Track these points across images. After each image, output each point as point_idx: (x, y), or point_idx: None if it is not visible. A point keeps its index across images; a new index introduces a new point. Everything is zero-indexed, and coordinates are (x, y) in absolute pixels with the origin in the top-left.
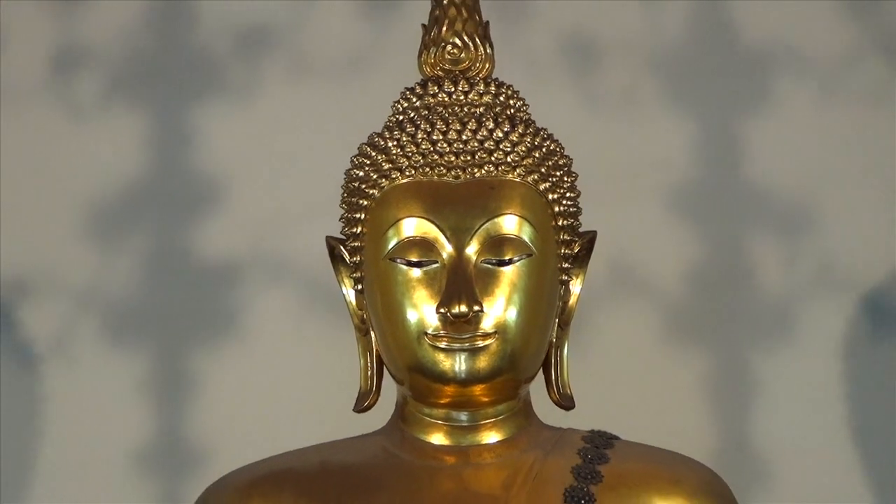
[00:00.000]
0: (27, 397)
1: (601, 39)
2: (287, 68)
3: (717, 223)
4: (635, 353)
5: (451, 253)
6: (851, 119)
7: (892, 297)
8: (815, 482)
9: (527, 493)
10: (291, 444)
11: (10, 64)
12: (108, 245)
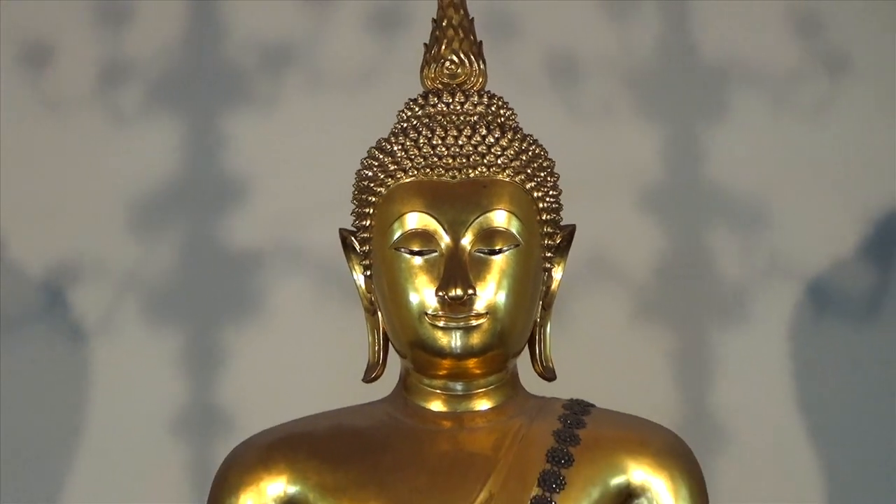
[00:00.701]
0: (77, 369)
1: (580, 57)
2: (305, 81)
3: (681, 219)
4: (609, 333)
5: (449, 243)
6: (799, 127)
7: (833, 285)
8: (765, 445)
9: (514, 453)
10: (307, 410)
11: (62, 76)
12: (148, 235)
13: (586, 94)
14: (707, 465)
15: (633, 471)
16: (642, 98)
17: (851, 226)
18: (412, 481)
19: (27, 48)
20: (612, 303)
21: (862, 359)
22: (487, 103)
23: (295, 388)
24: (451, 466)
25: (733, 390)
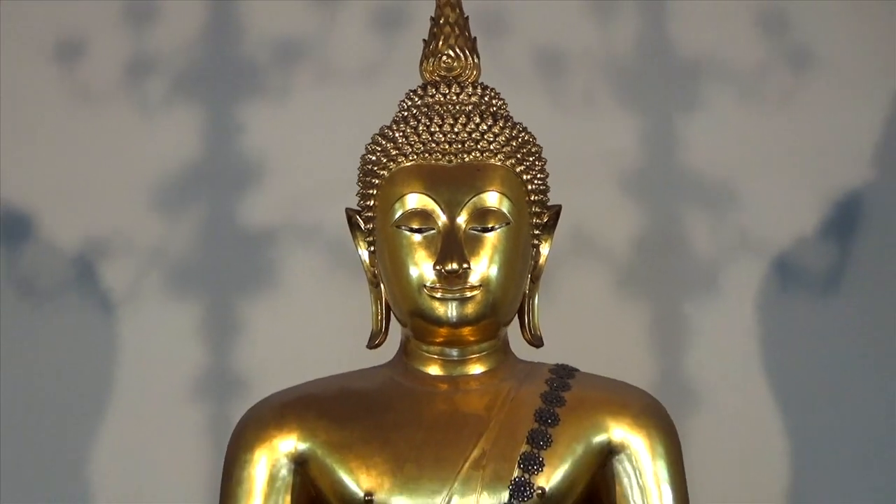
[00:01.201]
0: (105, 336)
1: (565, 53)
2: (314, 74)
3: (657, 200)
4: (591, 304)
5: (445, 222)
6: (764, 117)
7: (796, 261)
8: (734, 406)
9: (505, 413)
10: (316, 374)
11: (93, 70)
12: (170, 214)
13: (570, 87)
14: (681, 424)
15: (614, 430)
16: (621, 90)
17: (813, 207)
18: (411, 438)
19: (63, 45)
20: (594, 276)
21: (822, 328)
22: (481, 94)
23: (305, 354)
24: (447, 425)
25: (705, 357)
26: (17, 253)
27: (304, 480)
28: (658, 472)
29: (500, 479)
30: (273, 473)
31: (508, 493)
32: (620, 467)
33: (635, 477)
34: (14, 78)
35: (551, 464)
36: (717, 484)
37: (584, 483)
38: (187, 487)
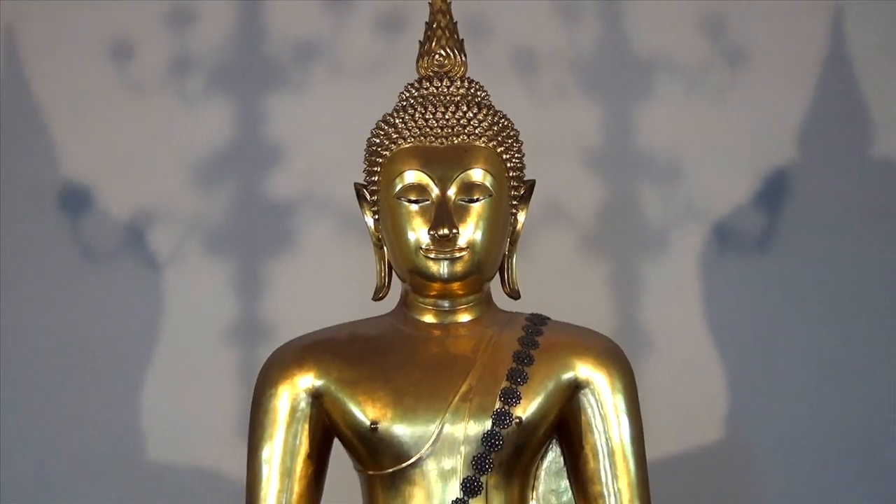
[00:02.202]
0: (153, 292)
1: (538, 51)
2: (327, 70)
3: (616, 175)
4: (560, 262)
5: (438, 194)
6: (707, 105)
7: (732, 226)
8: (681, 348)
9: (488, 355)
10: (330, 322)
11: (142, 67)
12: (207, 189)
13: (542, 80)
14: (636, 364)
15: (580, 368)
16: (585, 82)
17: (746, 181)
18: (410, 376)
19: (116, 46)
20: (562, 239)
21: (753, 283)
22: (468, 87)
23: (320, 305)
24: (439, 364)
25: (656, 307)
26: (78, 222)
27: (320, 412)
28: (617, 403)
29: (484, 409)
30: (294, 405)
31: (491, 422)
32: (585, 400)
33: (597, 408)
34: (76, 74)
35: (527, 397)
36: (666, 413)
37: (554, 413)
38: (222, 417)
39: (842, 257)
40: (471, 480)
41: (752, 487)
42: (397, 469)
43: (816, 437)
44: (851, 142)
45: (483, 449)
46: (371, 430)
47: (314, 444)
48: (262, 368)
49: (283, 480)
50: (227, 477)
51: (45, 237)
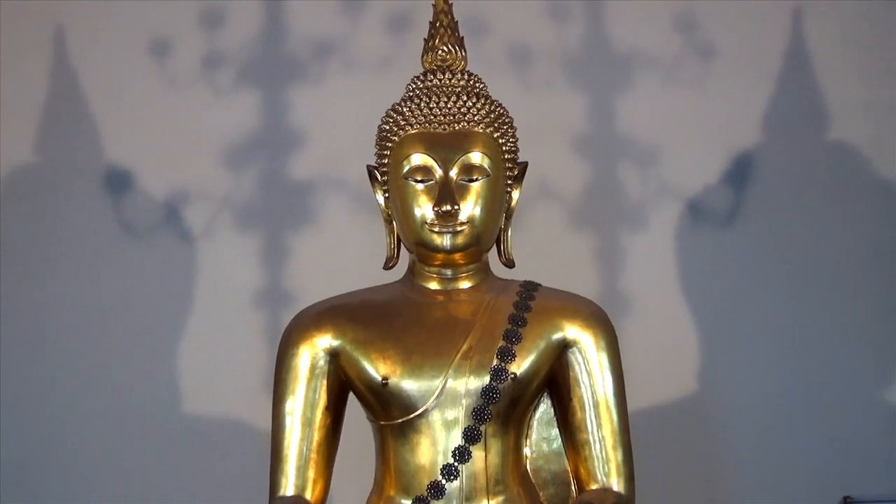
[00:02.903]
0: (187, 263)
1: (530, 47)
2: (342, 65)
3: (600, 157)
4: (551, 235)
5: (441, 175)
6: (680, 96)
7: (704, 203)
8: (658, 313)
9: (486, 317)
10: (345, 289)
11: (177, 61)
12: (236, 170)
13: (534, 72)
14: (618, 326)
15: (568, 329)
16: (572, 75)
17: (716, 163)
18: (416, 336)
19: (154, 42)
20: (552, 215)
21: (722, 253)
22: (467, 79)
23: (336, 274)
24: (443, 326)
25: (636, 276)
26: (120, 201)
27: (337, 369)
28: (601, 360)
29: (483, 366)
30: (313, 363)
31: (489, 377)
32: (573, 357)
33: (584, 365)
34: (118, 68)
35: (521, 355)
36: (645, 369)
37: (545, 370)
38: (249, 375)
39: (800, 230)
40: (471, 429)
41: (721, 434)
42: (406, 420)
43: (778, 389)
44: (809, 127)
45: (482, 401)
46: (382, 385)
47: (331, 397)
48: (285, 331)
49: (304, 430)
50: (253, 427)
51: (90, 215)
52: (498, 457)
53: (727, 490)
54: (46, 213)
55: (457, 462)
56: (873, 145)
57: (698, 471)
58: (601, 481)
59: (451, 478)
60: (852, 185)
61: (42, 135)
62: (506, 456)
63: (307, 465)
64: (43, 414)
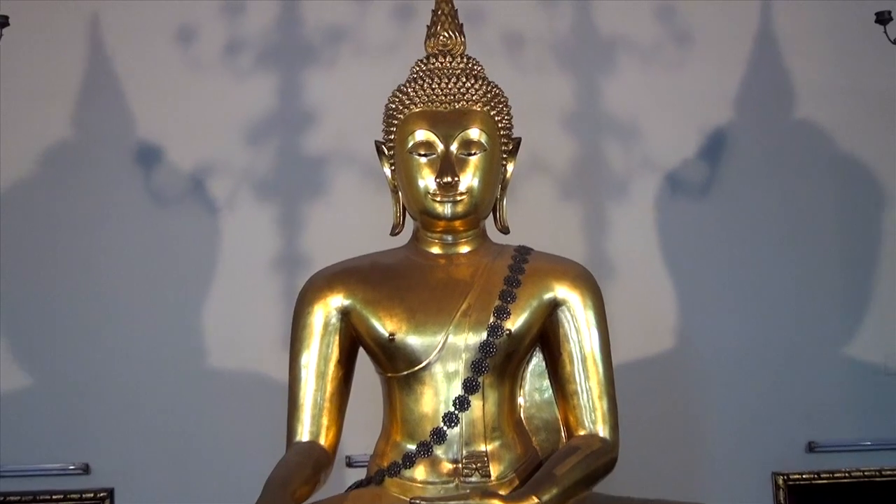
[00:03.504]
0: (211, 231)
1: (523, 33)
2: (352, 50)
3: (587, 134)
4: (542, 204)
5: (443, 149)
6: (659, 77)
7: (681, 175)
8: (640, 275)
9: (483, 279)
10: (356, 253)
11: (201, 48)
12: (256, 146)
13: (526, 56)
14: (603, 287)
15: (558, 289)
16: (562, 58)
17: (693, 138)
18: (420, 296)
19: (180, 29)
20: (543, 186)
21: (698, 221)
22: (466, 62)
23: (347, 240)
24: (444, 287)
25: (620, 241)
26: (151, 173)
27: (348, 326)
28: (588, 318)
29: (481, 323)
30: (326, 321)
31: (486, 333)
32: (562, 315)
33: (572, 322)
34: (147, 53)
35: (515, 313)
36: (628, 326)
37: (537, 327)
38: (267, 331)
39: (769, 200)
40: (470, 381)
41: (696, 385)
42: (410, 372)
43: (748, 344)
44: (777, 106)
45: (480, 355)
46: (389, 341)
47: (343, 352)
48: (301, 291)
49: (318, 381)
50: (271, 379)
51: (123, 186)
52: (494, 406)
53: (702, 437)
54: (84, 183)
55: (457, 410)
56: (835, 123)
57: (675, 419)
58: (588, 428)
59: (451, 425)
60: (816, 159)
61: (80, 113)
62: (501, 405)
63: (321, 413)
64: (88, 364)
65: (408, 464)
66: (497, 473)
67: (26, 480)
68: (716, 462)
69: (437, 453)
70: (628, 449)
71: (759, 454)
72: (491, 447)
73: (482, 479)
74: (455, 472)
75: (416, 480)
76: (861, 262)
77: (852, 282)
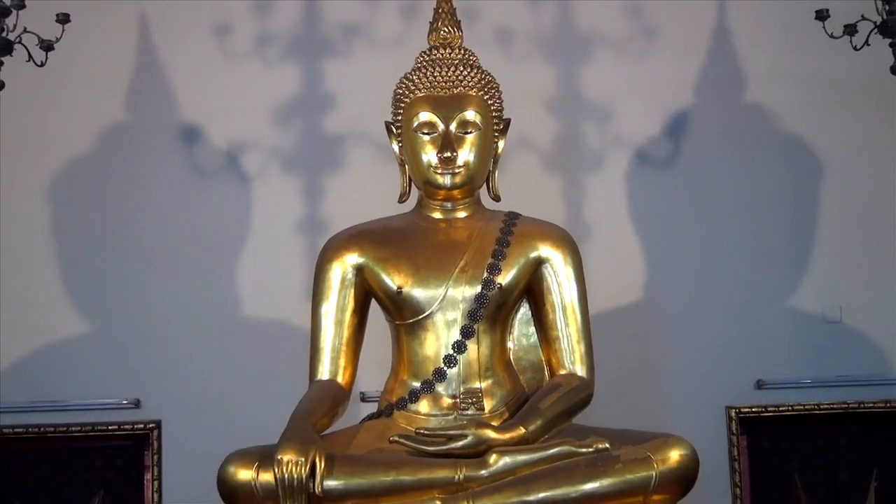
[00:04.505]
0: (244, 199)
1: (513, 29)
2: (366, 43)
3: (567, 115)
4: (528, 177)
5: (443, 128)
6: (630, 66)
7: (648, 151)
8: (613, 237)
9: (478, 240)
10: (368, 217)
11: (234, 41)
12: (283, 126)
13: (515, 49)
14: (582, 247)
15: (542, 249)
16: (545, 50)
17: (658, 119)
18: (423, 254)
19: (217, 25)
20: (529, 160)
21: (663, 191)
22: (463, 53)
23: (362, 206)
24: (444, 247)
25: (595, 208)
26: (192, 149)
27: (361, 280)
28: (568, 273)
29: (476, 278)
30: (343, 276)
31: (481, 286)
32: (546, 271)
33: (555, 277)
34: (188, 45)
35: (505, 269)
36: (603, 280)
37: (524, 281)
38: (292, 285)
39: (725, 172)
40: (467, 327)
41: (660, 331)
42: (416, 320)
43: (706, 296)
44: (731, 91)
45: (475, 305)
46: (397, 293)
47: (357, 303)
48: (321, 251)
49: (336, 328)
50: (296, 326)
51: (169, 161)
52: (487, 349)
53: (666, 375)
54: (135, 159)
55: (455, 353)
56: (782, 105)
57: (643, 360)
58: (568, 368)
59: (450, 365)
60: (765, 136)
61: (131, 98)
62: (493, 348)
63: (338, 355)
64: (139, 314)
65: (413, 399)
66: (490, 407)
67: (87, 413)
68: (677, 397)
69: (438, 390)
70: (602, 385)
71: (715, 390)
72: (484, 384)
73: (477, 412)
74: (454, 406)
75: (421, 413)
76: (804, 226)
77: (796, 243)
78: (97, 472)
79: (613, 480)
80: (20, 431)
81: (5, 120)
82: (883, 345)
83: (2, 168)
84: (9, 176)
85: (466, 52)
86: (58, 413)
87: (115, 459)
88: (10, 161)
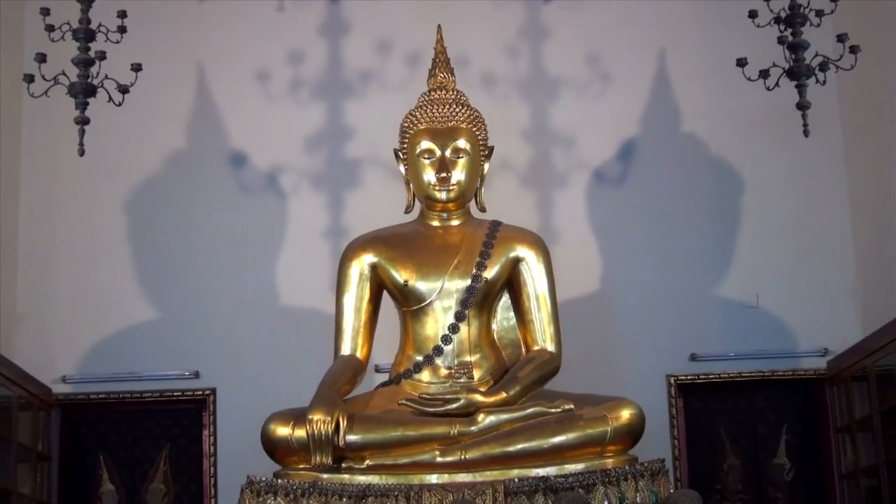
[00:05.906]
0: (281, 211)
1: (495, 74)
2: (379, 86)
3: (538, 144)
4: (509, 189)
5: (440, 154)
6: (589, 105)
7: (604, 172)
8: (576, 242)
9: (468, 243)
10: (380, 225)
11: (272, 85)
12: (312, 152)
13: (497, 90)
14: (552, 248)
15: (519, 249)
16: (521, 91)
17: (611, 146)
18: (425, 254)
19: (258, 73)
20: (509, 179)
21: (616, 204)
22: (456, 94)
23: (375, 216)
24: (441, 248)
25: (562, 218)
26: (238, 171)
27: (375, 275)
28: (540, 269)
29: (467, 273)
30: (361, 272)
31: (470, 280)
32: (523, 267)
33: (529, 272)
34: (235, 87)
35: (490, 266)
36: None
37: (505, 275)
38: (320, 279)
39: (665, 189)
40: (459, 313)
41: (613, 315)
42: (419, 307)
43: (649, 286)
44: (671, 123)
45: (466, 295)
46: (404, 285)
47: (372, 293)
48: (343, 252)
49: (355, 314)
50: (323, 312)
51: (220, 181)
52: (476, 330)
53: (618, 350)
54: (193, 179)
55: (450, 333)
56: (711, 134)
57: (600, 338)
58: (540, 344)
59: (446, 343)
60: (698, 160)
61: (190, 130)
62: (481, 329)
63: (357, 335)
64: (198, 303)
65: (417, 370)
66: (478, 377)
67: (157, 382)
68: (628, 368)
69: (436, 362)
70: (567, 359)
71: (657, 362)
72: (474, 358)
73: (468, 380)
74: (449, 376)
75: (423, 381)
76: (729, 231)
77: (723, 244)
78: (165, 430)
79: (577, 434)
80: (104, 397)
81: (90, 148)
82: (792, 325)
83: (88, 187)
84: (93, 193)
85: (458, 93)
86: (133, 382)
87: (179, 419)
88: (93, 181)
